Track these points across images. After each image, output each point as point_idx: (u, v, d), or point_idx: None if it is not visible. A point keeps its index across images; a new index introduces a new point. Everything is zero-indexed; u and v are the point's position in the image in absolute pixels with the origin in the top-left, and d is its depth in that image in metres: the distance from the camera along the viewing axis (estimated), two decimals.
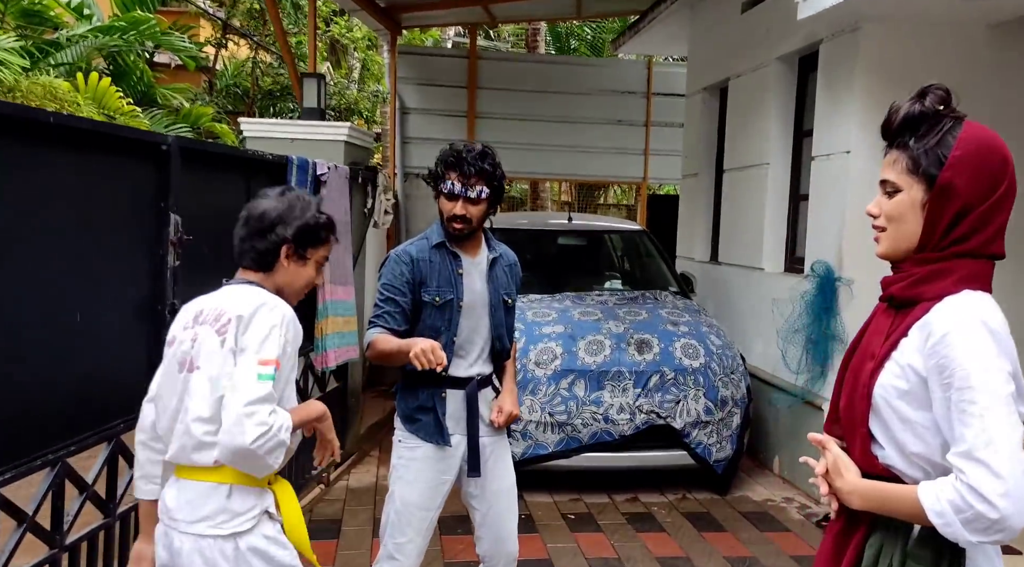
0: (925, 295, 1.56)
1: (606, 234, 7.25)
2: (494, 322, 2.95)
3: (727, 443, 5.08)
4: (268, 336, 2.02)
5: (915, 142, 1.58)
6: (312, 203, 2.21)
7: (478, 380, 2.93)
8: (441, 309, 2.87)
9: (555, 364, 5.03)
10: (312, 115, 5.82)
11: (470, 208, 2.84)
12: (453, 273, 2.89)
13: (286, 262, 2.17)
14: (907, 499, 1.49)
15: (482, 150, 2.87)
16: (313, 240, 2.19)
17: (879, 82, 4.90)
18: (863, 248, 4.95)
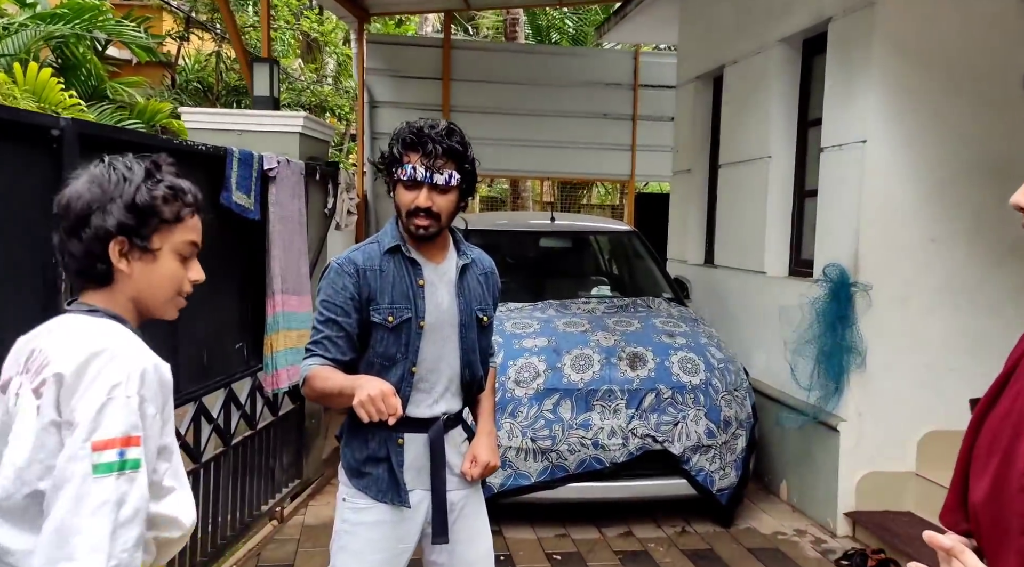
0: None
1: (592, 235, 6.67)
2: (464, 346, 2.34)
3: (731, 469, 4.53)
4: (106, 403, 1.36)
5: None
6: (136, 170, 1.53)
7: (444, 420, 2.32)
8: (396, 331, 2.25)
9: (538, 382, 4.45)
10: (264, 104, 5.22)
11: (436, 198, 2.22)
12: (412, 285, 2.28)
13: (123, 264, 1.51)
14: None
15: (448, 127, 2.26)
16: (153, 221, 1.52)
17: (899, 62, 4.37)
18: (882, 249, 4.42)
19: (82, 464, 1.33)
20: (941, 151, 4.43)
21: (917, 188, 4.43)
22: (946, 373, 4.43)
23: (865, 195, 4.42)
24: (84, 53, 9.16)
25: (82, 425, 1.35)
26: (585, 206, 19.16)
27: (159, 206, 1.52)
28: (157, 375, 1.45)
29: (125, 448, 1.36)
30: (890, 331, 4.41)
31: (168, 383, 1.48)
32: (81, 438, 1.35)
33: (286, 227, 4.50)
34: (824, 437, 4.61)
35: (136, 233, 1.51)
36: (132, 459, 1.37)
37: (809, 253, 5.17)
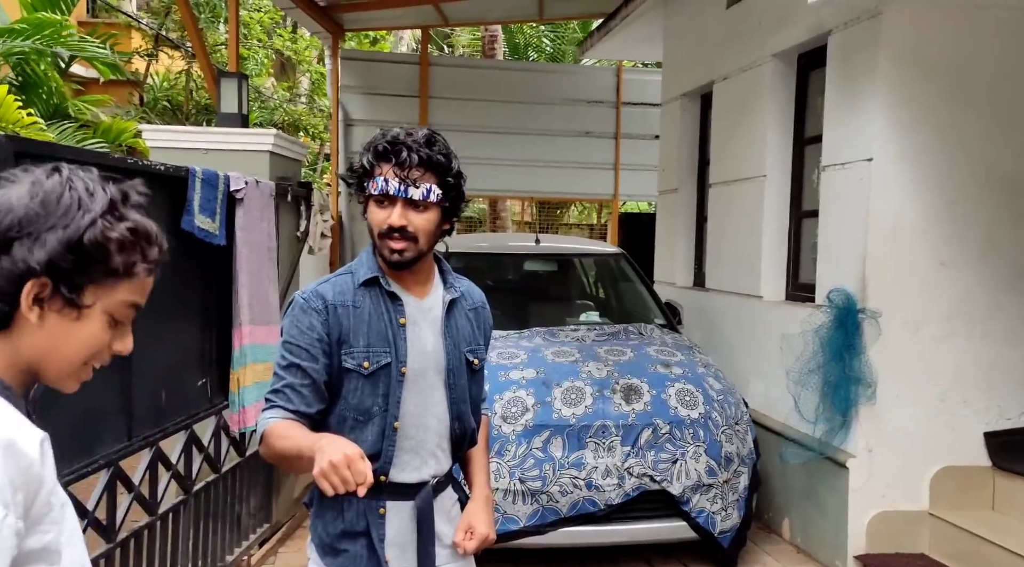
0: None
1: (578, 258, 6.40)
2: (453, 395, 2.01)
3: (733, 509, 4.23)
4: None
5: None
6: (99, 197, 1.15)
7: (434, 485, 2.00)
8: (372, 379, 1.91)
9: (526, 418, 4.15)
10: (231, 121, 4.89)
11: (412, 216, 1.88)
12: (391, 324, 1.94)
13: (34, 314, 1.13)
14: None
15: (428, 135, 1.92)
16: (95, 270, 1.15)
17: (905, 76, 4.14)
18: (890, 273, 4.17)
19: None
20: (950, 168, 4.20)
21: (926, 208, 4.19)
22: (960, 405, 4.18)
23: (872, 216, 4.18)
24: (45, 70, 8.79)
25: None
26: (564, 225, 18.93)
27: (111, 251, 1.16)
28: (25, 459, 1.06)
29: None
30: (901, 361, 4.16)
31: (32, 462, 1.07)
32: None
33: (254, 252, 4.17)
34: (831, 474, 4.33)
35: (67, 280, 1.14)
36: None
37: (807, 277, 4.93)
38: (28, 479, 1.06)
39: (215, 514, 3.94)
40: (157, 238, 1.21)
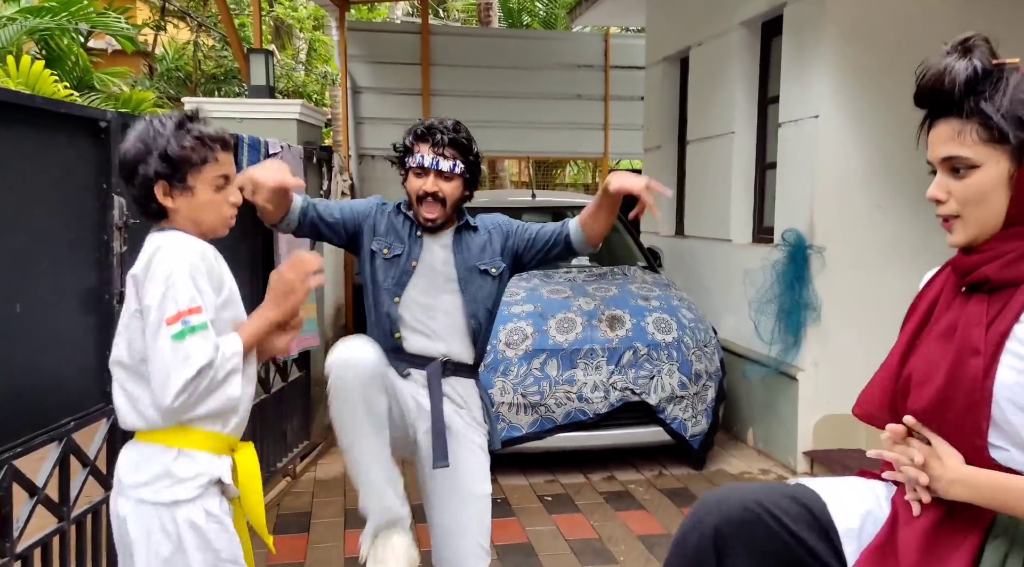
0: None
1: (570, 210, 7.09)
2: (467, 297, 2.66)
3: (702, 417, 5.00)
4: (168, 288, 1.81)
5: (987, 106, 1.35)
6: (168, 124, 1.90)
7: (444, 362, 2.64)
8: (390, 263, 2.65)
9: (526, 344, 4.88)
10: (260, 93, 5.56)
11: (442, 184, 2.57)
12: (411, 234, 2.68)
13: (169, 201, 1.91)
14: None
15: (455, 123, 2.64)
16: (184, 166, 1.89)
17: (848, 44, 4.81)
18: (834, 215, 4.89)
19: (164, 340, 1.79)
20: (887, 125, 4.87)
21: (865, 159, 4.88)
22: (893, 326, 4.89)
23: (818, 166, 4.87)
24: (69, 45, 9.37)
25: (153, 309, 1.81)
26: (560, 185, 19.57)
27: (187, 153, 1.88)
28: (207, 260, 1.89)
29: (188, 316, 1.80)
30: (842, 289, 4.88)
31: (218, 263, 1.93)
32: (155, 320, 1.81)
33: None
34: (785, 386, 5.09)
35: (173, 177, 1.89)
36: (198, 323, 1.81)
37: (770, 221, 5.62)
38: (211, 264, 1.91)
39: (267, 427, 4.68)
40: (215, 134, 1.96)
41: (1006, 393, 1.36)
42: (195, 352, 1.80)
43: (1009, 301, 1.38)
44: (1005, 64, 1.38)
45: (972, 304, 1.44)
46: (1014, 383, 1.36)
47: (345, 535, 4.12)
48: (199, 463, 1.90)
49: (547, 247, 2.76)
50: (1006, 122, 1.34)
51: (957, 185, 1.41)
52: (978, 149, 1.37)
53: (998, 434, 1.39)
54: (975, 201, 1.40)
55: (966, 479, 1.38)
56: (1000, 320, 1.38)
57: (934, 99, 1.41)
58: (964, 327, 1.43)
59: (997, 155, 1.37)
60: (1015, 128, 1.35)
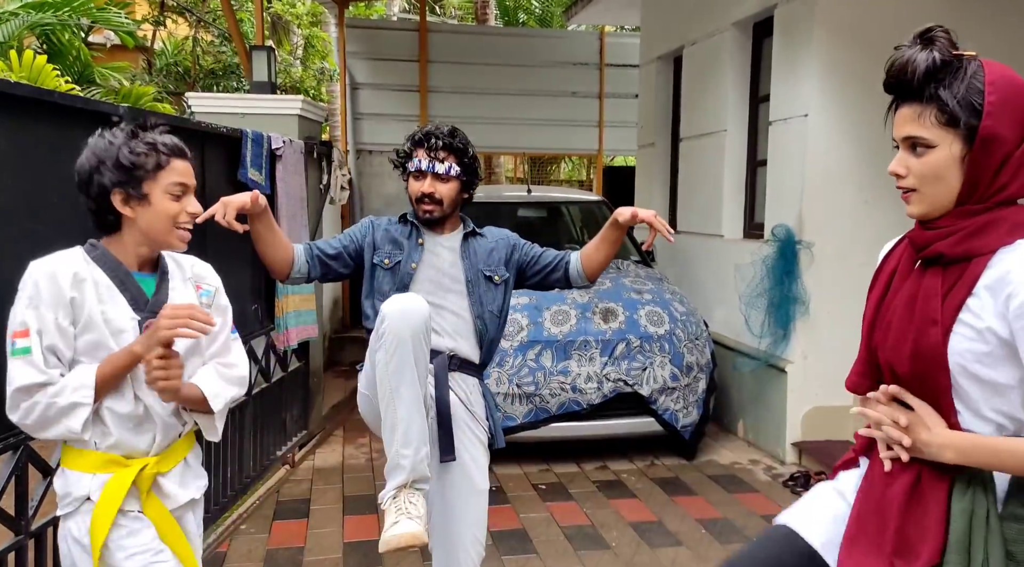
0: (978, 249, 1.49)
1: (565, 205, 7.22)
2: (473, 299, 2.72)
3: (693, 408, 5.12)
4: (15, 306, 1.87)
5: (944, 92, 1.48)
6: (119, 134, 1.92)
7: (450, 357, 2.68)
8: (392, 272, 2.73)
9: (521, 335, 5.00)
10: (262, 89, 5.66)
11: (439, 186, 2.69)
12: (410, 241, 2.77)
13: (127, 210, 1.91)
14: (1019, 452, 1.43)
15: (452, 129, 2.76)
16: (139, 173, 1.90)
17: (836, 45, 4.93)
18: (822, 210, 5.01)
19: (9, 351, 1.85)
20: (874, 123, 4.96)
21: (853, 156, 5.00)
22: None
23: (807, 163, 4.99)
24: (71, 39, 9.44)
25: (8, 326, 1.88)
26: (554, 181, 19.68)
27: (141, 160, 1.90)
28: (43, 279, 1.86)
29: (15, 339, 1.84)
30: (831, 282, 5.01)
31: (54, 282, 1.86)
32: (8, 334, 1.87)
33: (290, 201, 4.98)
34: (774, 378, 5.22)
35: (128, 185, 1.90)
36: (21, 347, 1.83)
37: (761, 217, 5.74)
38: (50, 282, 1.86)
39: (267, 415, 4.79)
40: (166, 142, 1.95)
41: (958, 359, 1.49)
42: (14, 375, 1.83)
43: (963, 275, 1.51)
44: (963, 55, 1.52)
45: (929, 277, 1.56)
46: (965, 350, 1.48)
47: (344, 521, 4.23)
48: (68, 482, 1.93)
49: (548, 270, 2.87)
50: (960, 108, 1.47)
51: (915, 162, 1.54)
52: (935, 131, 1.50)
53: (956, 397, 1.53)
54: (930, 178, 1.53)
55: (955, 444, 1.49)
56: (955, 293, 1.51)
57: (899, 86, 1.55)
58: (923, 299, 1.56)
59: (951, 138, 1.49)
60: (967, 114, 1.47)
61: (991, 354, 1.47)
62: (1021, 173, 1.49)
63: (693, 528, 4.18)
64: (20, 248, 2.46)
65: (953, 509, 1.50)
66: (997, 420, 1.50)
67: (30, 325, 1.83)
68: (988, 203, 1.49)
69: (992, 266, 1.47)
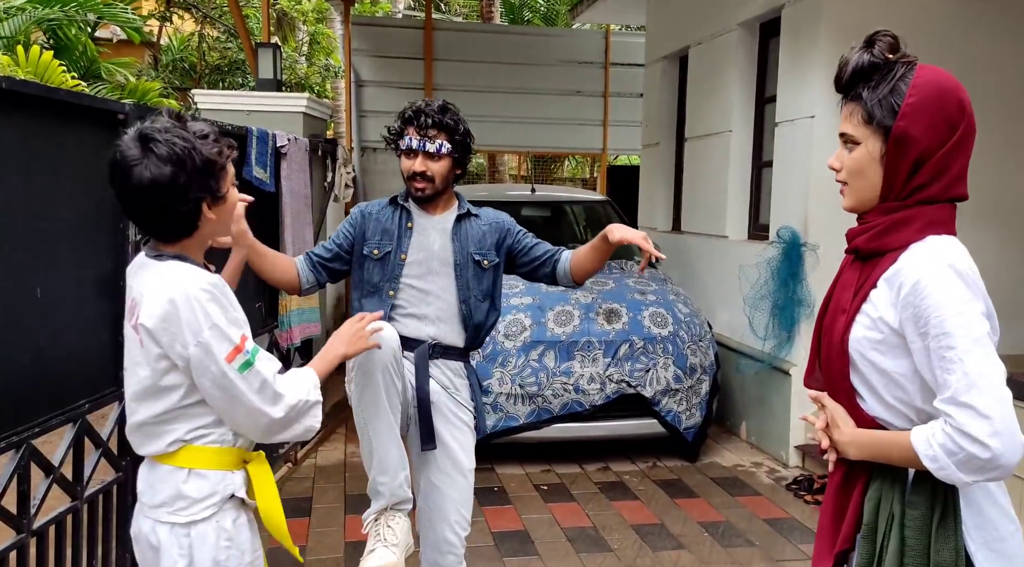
0: (889, 245, 1.55)
1: (569, 205, 7.21)
2: (461, 283, 2.70)
3: (696, 410, 5.11)
4: (211, 338, 1.76)
5: (868, 93, 1.56)
6: (188, 136, 1.77)
7: (433, 345, 2.68)
8: (382, 263, 2.71)
9: (524, 336, 4.99)
10: (268, 86, 5.66)
11: (430, 164, 2.65)
12: (401, 227, 2.73)
13: (212, 213, 1.84)
14: (900, 445, 1.51)
15: (442, 105, 2.70)
16: (219, 173, 1.83)
17: (844, 46, 4.85)
18: (828, 213, 4.98)
19: (231, 373, 1.78)
20: None
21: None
22: None
23: (813, 165, 4.97)
24: (77, 35, 9.45)
25: (213, 352, 1.76)
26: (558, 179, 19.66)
27: (216, 158, 1.81)
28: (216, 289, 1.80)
29: (243, 347, 1.79)
30: None
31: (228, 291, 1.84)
32: (217, 360, 1.76)
33: (295, 198, 4.97)
34: (778, 381, 5.20)
35: (212, 188, 1.81)
36: (252, 349, 1.81)
37: (765, 218, 5.73)
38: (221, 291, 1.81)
39: None
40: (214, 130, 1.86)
41: (856, 346, 1.57)
42: (264, 370, 1.81)
43: (874, 269, 1.57)
44: (899, 59, 1.57)
45: (849, 271, 1.67)
46: (862, 337, 1.57)
47: (345, 520, 4.23)
48: (211, 482, 1.88)
49: (538, 262, 2.85)
50: (880, 108, 1.54)
51: (847, 158, 1.63)
52: (859, 129, 1.58)
53: (858, 382, 1.60)
54: (855, 173, 1.60)
55: (857, 440, 1.59)
56: (864, 285, 1.58)
57: (837, 85, 1.64)
58: (840, 291, 1.67)
59: (872, 135, 1.56)
60: (884, 114, 1.54)
61: (884, 342, 1.53)
62: (942, 175, 1.53)
63: (695, 531, 4.17)
64: (26, 246, 2.47)
65: (865, 507, 1.59)
66: (901, 409, 1.56)
67: (243, 330, 1.82)
68: (907, 201, 1.54)
69: (898, 260, 1.52)
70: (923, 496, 1.52)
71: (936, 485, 1.50)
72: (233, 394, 1.81)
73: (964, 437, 1.40)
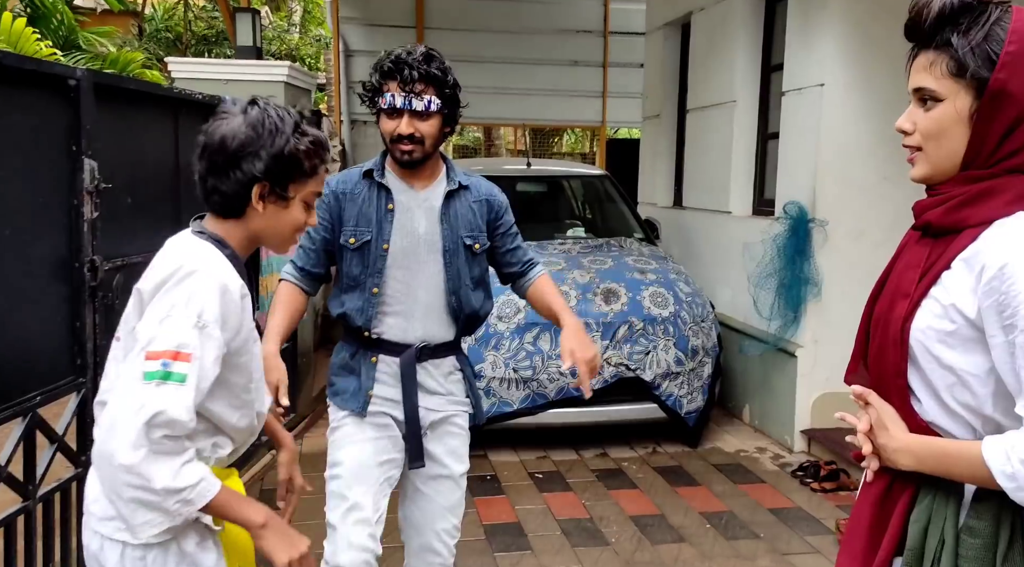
0: (970, 220, 1.30)
1: (566, 179, 6.94)
2: (450, 273, 2.37)
3: (698, 394, 4.89)
4: (166, 318, 1.52)
5: (959, 38, 1.29)
6: (288, 121, 1.65)
7: (421, 348, 2.39)
8: (359, 253, 2.35)
9: (518, 318, 4.75)
10: (247, 54, 5.37)
11: (419, 124, 2.26)
12: (380, 209, 2.35)
13: (260, 205, 1.65)
14: (967, 457, 1.26)
15: (427, 52, 2.28)
16: (294, 174, 1.65)
17: (857, 9, 4.63)
18: (838, 186, 4.75)
19: (135, 369, 1.50)
20: (896, 93, 4.67)
21: (871, 129, 4.72)
22: None
23: (823, 136, 4.72)
24: (54, 2, 9.13)
25: (142, 336, 1.52)
26: (556, 154, 19.36)
27: (302, 158, 1.65)
28: (229, 297, 1.57)
29: (171, 361, 1.49)
30: (845, 263, 4.75)
31: (237, 304, 1.61)
32: (138, 349, 1.52)
33: None
34: (783, 363, 4.98)
35: (278, 180, 1.65)
36: (177, 373, 1.49)
37: (771, 193, 5.47)
38: (231, 303, 1.59)
39: None
40: (327, 143, 1.74)
41: (919, 336, 1.33)
42: (151, 402, 1.47)
43: (948, 247, 1.33)
44: (993, 1, 1.30)
45: (915, 249, 1.40)
46: (926, 327, 1.33)
47: None
48: None
49: (508, 267, 2.58)
50: (973, 57, 1.28)
51: (922, 117, 1.36)
52: (944, 82, 1.31)
53: (916, 381, 1.36)
54: (935, 135, 1.34)
55: (911, 447, 1.35)
56: (935, 266, 1.34)
57: (914, 31, 1.37)
58: (901, 271, 1.41)
59: (960, 90, 1.30)
60: (978, 64, 1.27)
61: (955, 334, 1.30)
62: None
63: (696, 522, 3.96)
64: None
65: (911, 520, 1.36)
66: (964, 416, 1.32)
67: (191, 348, 1.51)
68: (995, 169, 1.30)
69: (980, 238, 1.29)
70: (986, 522, 1.27)
71: (1004, 508, 1.26)
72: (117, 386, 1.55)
73: None
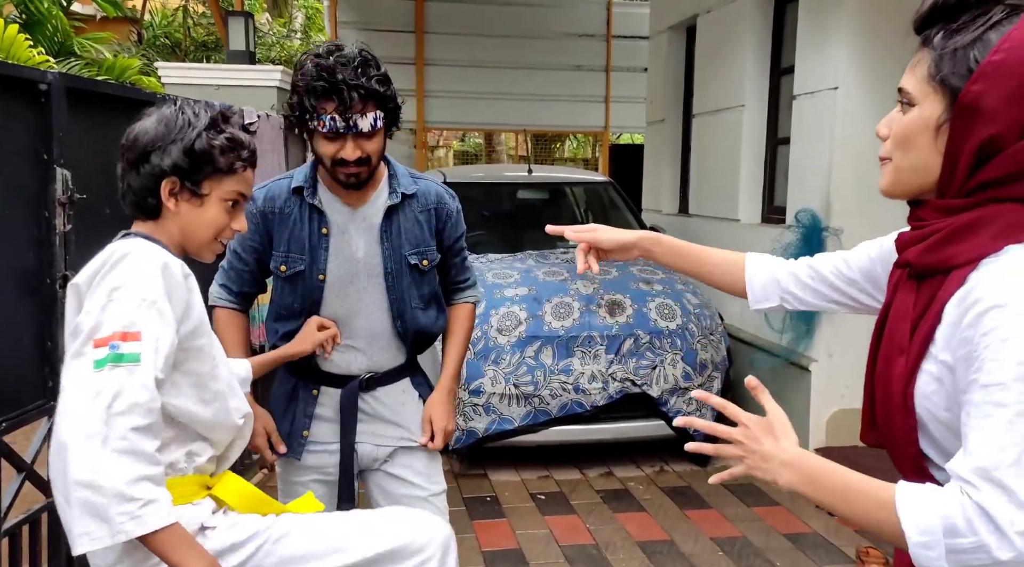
0: (955, 260, 1.10)
1: (569, 186, 6.76)
2: (393, 296, 2.15)
3: (707, 410, 4.68)
4: (108, 303, 1.45)
5: (942, 37, 1.10)
6: (202, 117, 1.60)
7: (368, 379, 2.20)
8: (291, 283, 2.12)
9: (519, 330, 4.56)
10: (239, 59, 5.21)
11: (365, 145, 1.98)
12: (313, 233, 2.10)
13: (171, 203, 1.60)
14: (873, 496, 1.08)
15: (361, 58, 1.95)
16: (206, 168, 1.59)
17: (871, 9, 4.45)
18: (853, 193, 4.56)
19: (84, 360, 1.43)
20: None
21: None
22: None
23: (836, 141, 4.53)
24: (49, 8, 9.00)
25: (85, 327, 1.45)
26: (559, 160, 19.19)
27: (215, 155, 1.61)
28: (172, 277, 1.53)
29: (120, 342, 1.43)
30: None
31: (182, 287, 1.55)
32: (83, 339, 1.45)
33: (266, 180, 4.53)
34: (796, 377, 4.78)
35: (188, 176, 1.61)
36: (129, 353, 1.42)
37: (781, 200, 5.29)
38: (176, 284, 1.53)
39: None
40: (249, 144, 1.66)
41: (926, 404, 1.14)
42: (107, 386, 1.39)
43: (935, 294, 1.13)
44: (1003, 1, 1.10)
45: (903, 292, 1.20)
46: (932, 393, 1.13)
47: None
48: None
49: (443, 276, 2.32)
50: (951, 61, 1.10)
51: (896, 122, 1.18)
52: (921, 85, 1.13)
53: (931, 449, 1.17)
54: (901, 143, 1.16)
55: (802, 465, 1.16)
56: (925, 319, 1.14)
57: (914, 26, 1.18)
58: (893, 321, 1.20)
59: (934, 95, 1.12)
60: (954, 70, 1.09)
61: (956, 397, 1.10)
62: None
63: (708, 549, 3.76)
64: None
65: None
66: None
67: (138, 326, 1.45)
68: (975, 197, 1.10)
69: (968, 281, 1.09)
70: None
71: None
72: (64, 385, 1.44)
73: (986, 520, 0.97)
